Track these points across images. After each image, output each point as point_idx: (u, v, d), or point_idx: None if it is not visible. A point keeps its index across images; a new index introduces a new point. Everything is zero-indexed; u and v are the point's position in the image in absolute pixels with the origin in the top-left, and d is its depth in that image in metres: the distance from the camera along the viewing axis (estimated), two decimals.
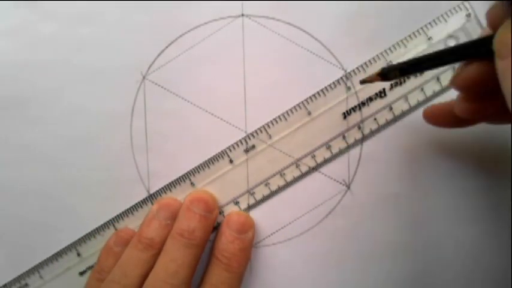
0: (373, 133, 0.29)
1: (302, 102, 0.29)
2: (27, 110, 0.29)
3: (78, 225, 0.30)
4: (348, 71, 0.29)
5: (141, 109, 0.29)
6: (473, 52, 0.22)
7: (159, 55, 0.29)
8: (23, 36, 0.29)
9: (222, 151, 0.29)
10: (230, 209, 0.29)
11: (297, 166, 0.29)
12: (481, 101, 0.23)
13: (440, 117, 0.27)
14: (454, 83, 0.23)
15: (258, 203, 0.29)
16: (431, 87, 0.29)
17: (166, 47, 0.29)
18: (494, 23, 0.20)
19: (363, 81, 0.26)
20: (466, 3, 0.29)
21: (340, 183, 0.29)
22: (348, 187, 0.29)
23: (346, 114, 0.29)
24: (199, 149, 0.29)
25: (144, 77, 0.29)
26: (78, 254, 0.30)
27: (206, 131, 0.29)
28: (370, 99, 0.29)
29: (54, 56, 0.29)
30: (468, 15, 0.29)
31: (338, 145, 0.29)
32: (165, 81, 0.29)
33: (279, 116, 0.29)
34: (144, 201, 0.29)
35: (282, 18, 0.29)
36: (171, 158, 0.29)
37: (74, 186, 0.30)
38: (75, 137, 0.29)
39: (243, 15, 0.29)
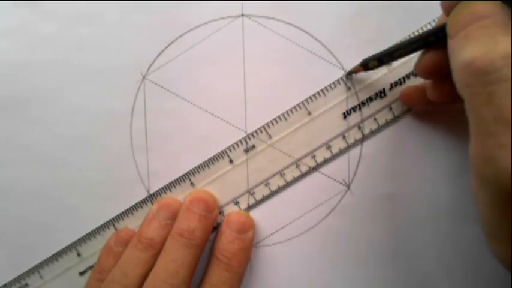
0: (373, 133, 0.29)
1: (302, 102, 0.29)
2: (27, 110, 0.29)
3: (78, 225, 0.30)
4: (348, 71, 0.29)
5: (141, 109, 0.29)
6: (434, 39, 0.23)
7: (159, 55, 0.29)
8: (23, 36, 0.29)
9: (222, 151, 0.29)
10: (230, 209, 0.29)
11: (297, 166, 0.29)
12: (446, 85, 0.24)
13: (416, 99, 0.28)
14: (415, 70, 0.25)
15: (258, 203, 0.29)
16: None
17: (166, 47, 0.29)
18: (449, 9, 0.21)
19: (349, 73, 0.28)
20: None
21: (340, 183, 0.29)
22: (348, 187, 0.29)
23: (346, 114, 0.29)
24: (199, 149, 0.29)
25: (144, 77, 0.29)
26: (78, 254, 0.30)
27: (206, 131, 0.29)
28: (370, 99, 0.29)
29: (54, 56, 0.29)
30: None
31: (338, 145, 0.29)
32: (165, 81, 0.29)
33: (279, 116, 0.29)
34: (144, 201, 0.29)
35: (282, 18, 0.29)
36: (171, 158, 0.29)
37: (74, 186, 0.30)
38: (75, 137, 0.29)
39: (243, 15, 0.29)
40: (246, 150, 0.29)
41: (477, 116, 0.18)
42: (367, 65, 0.27)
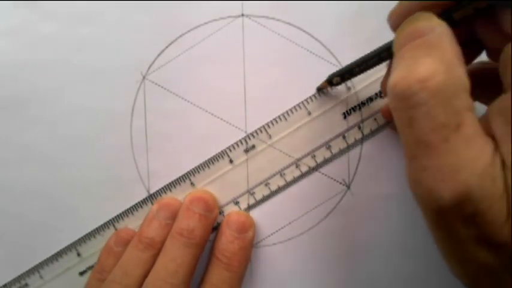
0: (373, 133, 0.29)
1: (302, 102, 0.29)
2: (27, 110, 0.29)
3: (78, 225, 0.30)
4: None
5: (141, 109, 0.29)
6: (387, 54, 0.23)
7: (159, 55, 0.29)
8: (23, 36, 0.29)
9: (222, 151, 0.29)
10: (230, 209, 0.29)
11: (297, 166, 0.29)
12: None
13: None
14: (381, 88, 0.25)
15: (258, 203, 0.29)
16: None
17: (166, 47, 0.29)
18: (395, 26, 0.21)
19: (319, 89, 0.28)
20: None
21: (340, 183, 0.29)
22: (348, 187, 0.29)
23: (346, 114, 0.29)
24: (199, 149, 0.29)
25: (144, 77, 0.29)
26: (78, 254, 0.30)
27: (206, 131, 0.29)
28: (370, 99, 0.29)
29: (54, 56, 0.29)
30: None
31: (338, 145, 0.29)
32: (165, 81, 0.29)
33: (279, 116, 0.29)
34: (144, 201, 0.30)
35: (282, 18, 0.29)
36: (171, 158, 0.29)
37: (74, 186, 0.30)
38: (75, 137, 0.29)
39: (243, 15, 0.29)
40: (246, 150, 0.29)
41: (403, 139, 0.18)
42: (332, 81, 0.27)
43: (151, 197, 0.29)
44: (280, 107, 0.29)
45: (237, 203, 0.29)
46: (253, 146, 0.29)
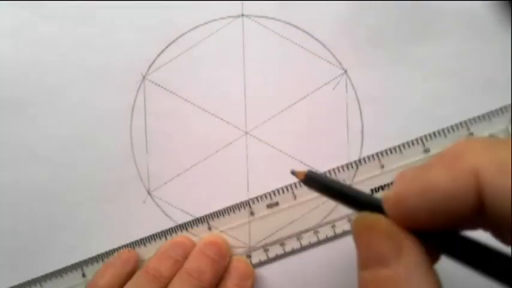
0: None
1: (336, 168, 0.28)
2: (27, 110, 0.29)
3: (78, 226, 0.29)
4: (348, 71, 0.29)
5: (141, 109, 0.29)
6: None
7: (159, 55, 0.29)
8: (23, 36, 0.29)
9: (244, 202, 0.28)
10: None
11: (315, 232, 0.28)
12: None
13: None
14: None
15: (270, 261, 0.29)
16: None
17: (167, 47, 0.29)
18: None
19: (292, 172, 0.22)
20: None
21: None
22: None
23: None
24: (200, 149, 0.29)
25: (144, 77, 0.29)
26: (84, 275, 0.29)
27: (206, 131, 0.29)
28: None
29: (54, 56, 0.29)
30: None
31: None
32: (165, 81, 0.29)
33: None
34: (157, 235, 0.29)
35: (282, 18, 0.29)
36: (171, 158, 0.29)
37: (74, 186, 0.29)
38: (75, 137, 0.29)
39: (243, 15, 0.29)
40: (269, 206, 0.28)
41: None
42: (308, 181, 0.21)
43: (165, 232, 0.29)
44: (280, 107, 0.29)
45: (249, 256, 0.29)
46: (277, 203, 0.28)
